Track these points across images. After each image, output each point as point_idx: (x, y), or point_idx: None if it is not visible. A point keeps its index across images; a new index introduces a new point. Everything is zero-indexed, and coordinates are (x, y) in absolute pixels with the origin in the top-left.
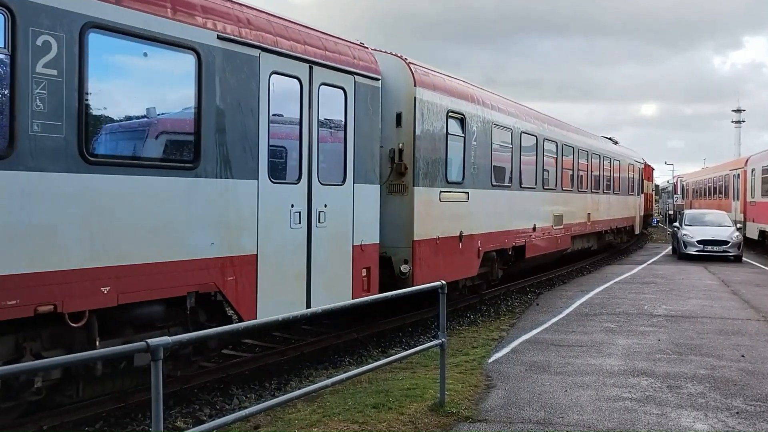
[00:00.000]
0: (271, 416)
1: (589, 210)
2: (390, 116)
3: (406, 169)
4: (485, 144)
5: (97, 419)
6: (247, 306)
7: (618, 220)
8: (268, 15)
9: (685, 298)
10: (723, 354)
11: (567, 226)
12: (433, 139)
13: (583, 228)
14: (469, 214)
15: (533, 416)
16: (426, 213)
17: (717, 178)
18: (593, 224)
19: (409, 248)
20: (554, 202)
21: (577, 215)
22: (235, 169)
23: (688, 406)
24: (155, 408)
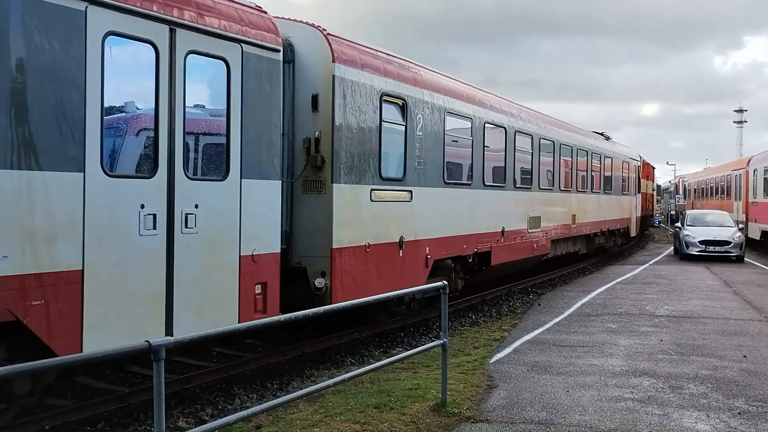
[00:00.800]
0: (273, 416)
1: (574, 211)
2: (305, 98)
3: (323, 163)
4: (435, 135)
5: (99, 419)
6: (65, 339)
7: (610, 222)
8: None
9: (687, 299)
10: (725, 354)
11: (546, 229)
12: (361, 128)
13: (566, 231)
14: (414, 217)
15: (535, 416)
16: (351, 215)
17: (719, 179)
18: (579, 226)
19: (327, 258)
20: (530, 202)
21: (559, 217)
22: (45, 157)
23: (690, 407)
24: (157, 408)
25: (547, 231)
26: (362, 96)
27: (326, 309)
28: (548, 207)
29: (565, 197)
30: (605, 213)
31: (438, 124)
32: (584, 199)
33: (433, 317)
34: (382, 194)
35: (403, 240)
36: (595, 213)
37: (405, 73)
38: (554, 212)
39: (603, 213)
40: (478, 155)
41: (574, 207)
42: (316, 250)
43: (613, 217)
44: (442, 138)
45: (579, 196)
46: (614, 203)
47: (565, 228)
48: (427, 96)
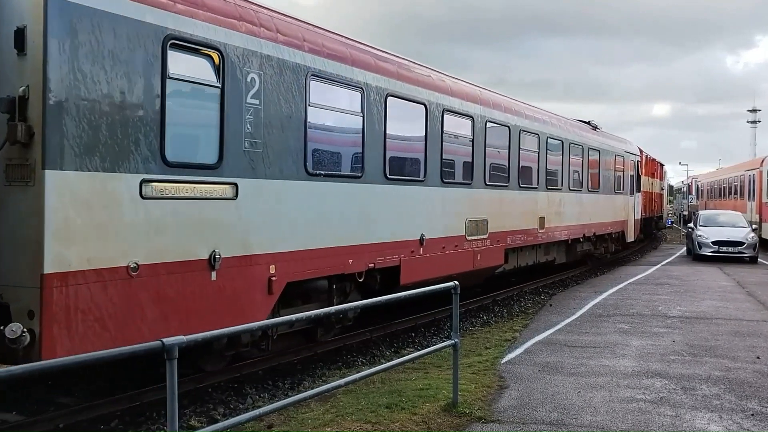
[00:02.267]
0: (285, 416)
1: (542, 213)
2: (7, 34)
3: (31, 137)
4: (286, 106)
5: (112, 418)
6: None
7: (598, 226)
8: None
9: (700, 300)
10: (738, 355)
11: (497, 236)
12: (117, 85)
13: (530, 237)
14: (242, 222)
15: (546, 417)
16: (93, 220)
17: (732, 179)
18: (551, 231)
19: (35, 288)
20: (470, 202)
21: (519, 220)
22: None
23: (702, 408)
24: (170, 407)
25: (499, 237)
26: (119, 34)
27: (338, 309)
28: (500, 208)
29: (529, 197)
30: (591, 215)
31: (292, 90)
32: (558, 198)
33: (444, 317)
34: (167, 188)
35: (217, 256)
36: (574, 215)
37: (219, 4)
38: (511, 214)
39: (587, 215)
40: (372, 138)
41: (541, 208)
42: (20, 275)
43: (603, 219)
44: (303, 110)
45: (551, 196)
46: (604, 204)
47: (527, 234)
48: (268, 48)
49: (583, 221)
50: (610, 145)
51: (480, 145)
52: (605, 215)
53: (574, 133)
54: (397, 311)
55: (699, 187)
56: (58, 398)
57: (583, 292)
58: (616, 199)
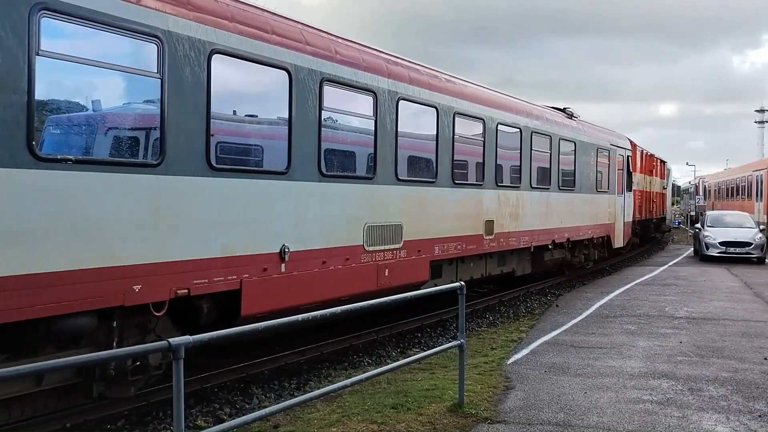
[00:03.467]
0: (291, 416)
1: (489, 216)
2: None
3: None
4: None
5: (119, 417)
6: None
7: (573, 230)
8: None
9: (707, 300)
10: (745, 357)
11: (418, 245)
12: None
13: (472, 245)
14: None
15: (552, 418)
16: None
17: (740, 179)
18: (502, 238)
19: None
20: (370, 202)
21: (454, 224)
22: None
23: (709, 409)
24: (177, 407)
25: (420, 247)
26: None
27: (343, 310)
28: (422, 210)
29: (469, 196)
30: (563, 218)
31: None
32: (514, 198)
33: (450, 318)
34: None
35: None
36: (539, 218)
37: None
38: (440, 218)
39: (558, 218)
40: (194, 111)
41: (490, 210)
42: None
43: (580, 222)
44: (25, 66)
45: (504, 195)
46: (581, 204)
47: (468, 241)
48: None
49: (551, 225)
50: (592, 137)
51: (387, 131)
52: (583, 218)
53: (538, 120)
54: (404, 312)
55: (706, 188)
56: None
57: (590, 292)
58: (598, 200)
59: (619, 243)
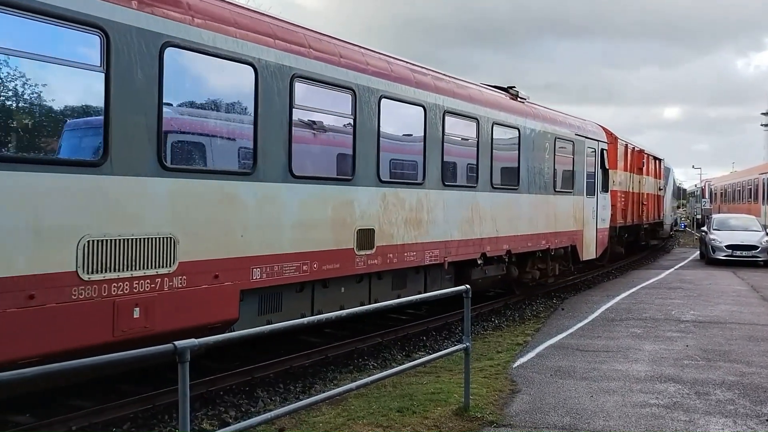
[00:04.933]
0: (296, 419)
1: (366, 223)
2: None
3: None
4: None
5: (124, 420)
6: None
7: (520, 240)
8: None
9: (714, 304)
10: (752, 360)
11: (216, 266)
12: None
13: (333, 263)
14: None
15: (558, 422)
16: None
17: (746, 182)
18: (394, 252)
19: None
20: (94, 207)
21: (295, 236)
22: None
23: (716, 413)
24: (182, 410)
25: (218, 270)
26: None
27: (349, 312)
28: (223, 215)
29: (325, 195)
30: (499, 225)
31: None
32: (414, 200)
33: (455, 321)
34: None
35: None
36: (459, 225)
37: None
38: (262, 225)
39: (490, 225)
40: None
41: (366, 215)
42: None
43: (528, 230)
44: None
45: (392, 195)
46: (529, 208)
47: (321, 258)
48: None
49: (480, 234)
50: (547, 124)
51: (130, 91)
52: (533, 224)
53: (455, 96)
54: (409, 315)
55: (712, 191)
56: (72, 400)
57: (595, 296)
58: (557, 202)
59: (590, 254)
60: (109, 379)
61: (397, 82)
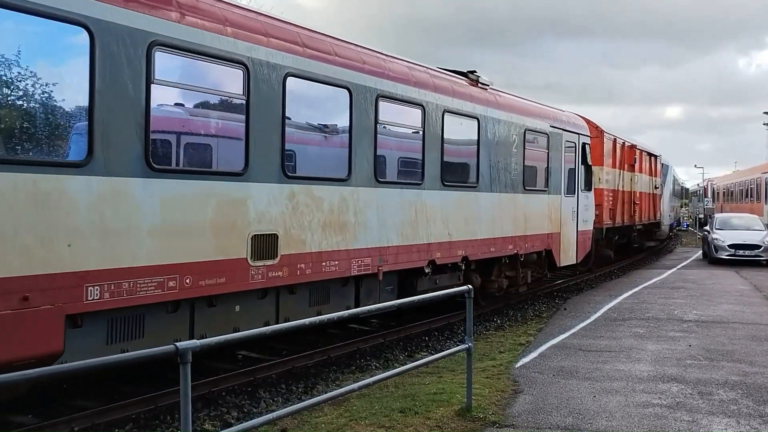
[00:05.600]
0: (298, 420)
1: (265, 227)
2: None
3: None
4: None
5: (126, 421)
6: None
7: (480, 244)
8: None
9: (717, 303)
10: (755, 360)
11: (27, 285)
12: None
13: (218, 277)
14: None
15: (561, 422)
16: None
17: (748, 182)
18: (305, 262)
19: None
20: None
21: (156, 245)
22: None
23: (719, 413)
24: (184, 410)
25: (28, 289)
26: None
27: (351, 312)
28: (33, 217)
29: (203, 194)
30: (455, 227)
31: None
32: (336, 200)
33: (457, 321)
34: None
35: None
36: (398, 229)
37: None
38: (108, 231)
39: (443, 227)
40: None
41: (265, 217)
42: None
43: (489, 233)
44: None
45: (304, 193)
46: (491, 208)
47: (201, 270)
48: None
49: (428, 238)
50: (514, 114)
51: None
52: (497, 227)
53: (395, 80)
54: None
55: (715, 190)
56: (74, 401)
57: (598, 295)
58: (528, 202)
59: (569, 259)
60: (111, 381)
61: (311, 58)
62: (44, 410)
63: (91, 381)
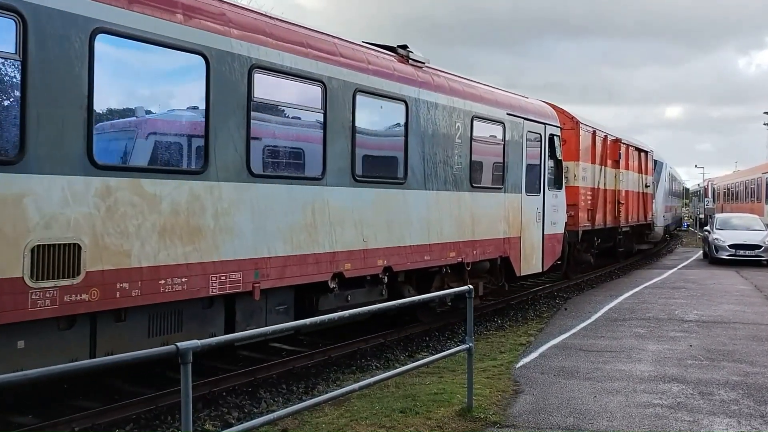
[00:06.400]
0: (299, 420)
1: (65, 234)
2: None
3: None
4: None
5: (127, 421)
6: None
7: (410, 252)
8: None
9: (717, 303)
10: (756, 360)
11: None
12: None
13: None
14: None
15: (562, 422)
16: None
17: (749, 182)
18: (139, 279)
19: None
20: None
21: None
22: None
23: (720, 413)
24: (185, 411)
25: None
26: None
27: (352, 313)
28: None
29: None
30: (371, 232)
31: None
32: (184, 198)
33: (458, 321)
34: None
35: None
36: (288, 234)
37: None
38: None
39: (355, 232)
40: None
41: (53, 224)
42: None
43: (423, 239)
44: None
45: (128, 189)
46: (428, 209)
47: None
48: None
49: (325, 246)
50: (457, 99)
51: None
52: (433, 231)
53: (273, 47)
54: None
55: (715, 190)
56: (75, 401)
57: (599, 296)
58: (474, 202)
59: (532, 267)
60: (112, 381)
61: (127, 8)
62: (44, 410)
63: (90, 381)
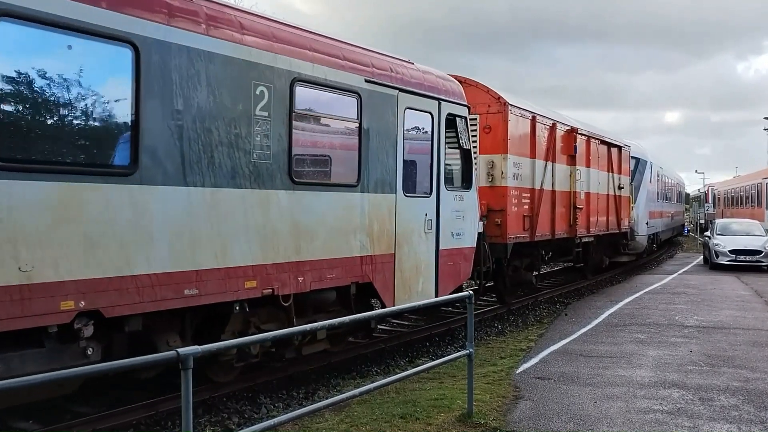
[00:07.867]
0: (299, 425)
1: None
2: None
3: None
4: None
5: (127, 427)
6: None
7: (161, 283)
8: None
9: (718, 309)
10: (757, 366)
11: None
12: None
13: None
14: None
15: (562, 428)
16: None
17: (749, 187)
18: None
19: None
20: None
21: None
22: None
23: (720, 419)
24: (185, 416)
25: None
26: None
27: (352, 318)
28: None
29: None
30: (55, 254)
31: None
32: None
33: (458, 327)
34: None
35: None
36: None
37: None
38: None
39: (17, 257)
40: None
41: None
42: None
43: (174, 264)
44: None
45: None
46: (175, 216)
47: None
48: None
49: None
50: (263, 50)
51: None
52: (200, 252)
53: None
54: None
55: (716, 195)
56: (75, 407)
57: (599, 301)
58: (295, 205)
59: (415, 294)
60: (112, 386)
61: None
62: (44, 416)
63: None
